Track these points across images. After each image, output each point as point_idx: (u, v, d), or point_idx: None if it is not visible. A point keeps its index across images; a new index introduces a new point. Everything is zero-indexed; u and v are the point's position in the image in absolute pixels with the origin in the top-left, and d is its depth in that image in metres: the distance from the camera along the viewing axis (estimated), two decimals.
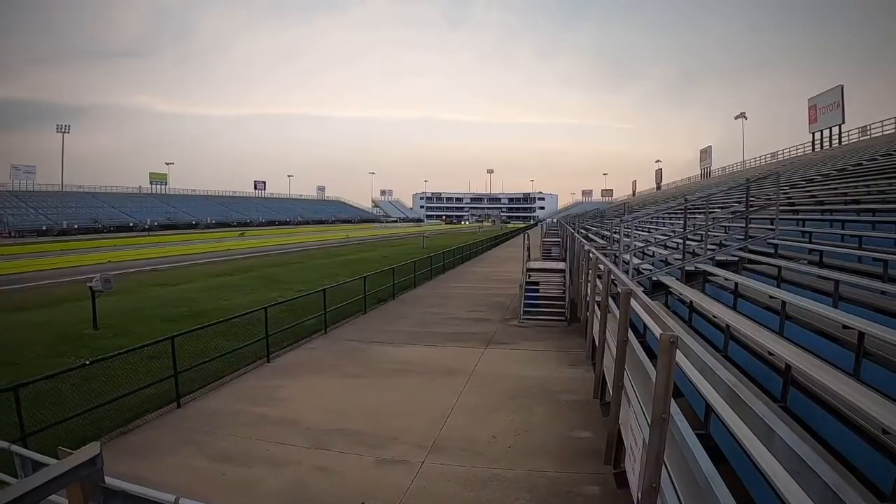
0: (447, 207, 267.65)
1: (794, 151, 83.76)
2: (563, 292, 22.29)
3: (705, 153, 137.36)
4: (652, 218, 29.95)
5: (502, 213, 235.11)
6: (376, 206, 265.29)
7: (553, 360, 15.62)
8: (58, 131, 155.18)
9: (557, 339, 18.13)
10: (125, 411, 12.10)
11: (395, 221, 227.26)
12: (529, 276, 23.62)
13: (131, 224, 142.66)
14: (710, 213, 16.47)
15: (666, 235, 20.39)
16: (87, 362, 12.13)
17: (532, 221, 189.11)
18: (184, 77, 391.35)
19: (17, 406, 9.71)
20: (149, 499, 2.17)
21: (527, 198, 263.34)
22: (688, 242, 14.48)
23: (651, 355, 6.23)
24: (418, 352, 17.12)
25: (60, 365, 14.03)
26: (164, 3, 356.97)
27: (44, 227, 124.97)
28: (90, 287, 21.33)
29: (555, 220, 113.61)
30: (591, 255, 14.34)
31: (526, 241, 27.49)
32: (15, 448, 5.51)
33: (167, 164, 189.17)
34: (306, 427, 11.29)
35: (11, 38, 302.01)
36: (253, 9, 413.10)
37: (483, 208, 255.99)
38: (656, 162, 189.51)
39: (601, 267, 12.25)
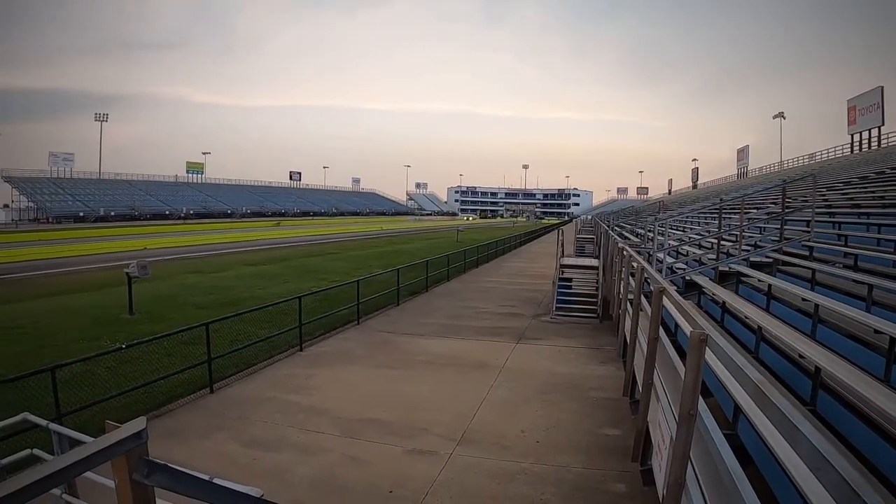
0: (482, 202, 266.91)
1: (832, 153, 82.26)
2: (596, 289, 22.24)
3: (742, 153, 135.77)
4: (687, 217, 29.75)
5: (537, 209, 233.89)
6: (411, 198, 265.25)
7: (584, 357, 15.60)
8: (96, 120, 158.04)
9: (589, 335, 18.08)
10: (159, 395, 12.33)
11: (430, 215, 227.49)
12: (563, 272, 23.58)
13: (167, 212, 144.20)
14: (746, 213, 16.35)
15: (700, 235, 20.25)
16: (123, 346, 12.35)
17: (566, 218, 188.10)
18: (221, 68, 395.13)
19: (53, 387, 9.94)
20: (190, 474, 2.26)
21: (561, 194, 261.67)
22: (722, 243, 14.41)
23: (682, 354, 6.26)
24: (450, 345, 17.17)
25: (96, 348, 14.26)
26: None
27: (81, 214, 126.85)
28: (127, 273, 21.61)
29: (589, 217, 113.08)
30: (624, 252, 14.32)
31: (560, 238, 27.45)
32: (53, 426, 5.68)
33: (204, 153, 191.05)
34: (337, 416, 11.41)
35: (51, 29, 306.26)
36: (291, 1, 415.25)
37: (518, 203, 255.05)
38: (693, 161, 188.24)
39: (635, 265, 12.23)
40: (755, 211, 22.97)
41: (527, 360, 15.48)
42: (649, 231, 18.92)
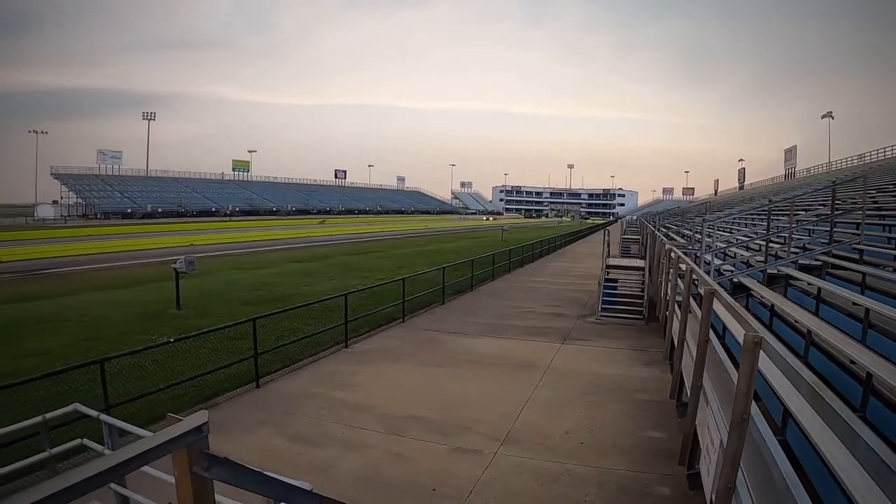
0: (526, 201, 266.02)
1: (883, 154, 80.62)
2: (642, 290, 22.08)
3: (790, 153, 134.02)
4: (734, 218, 29.44)
5: (582, 209, 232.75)
6: (456, 197, 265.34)
7: (629, 359, 15.47)
8: (143, 119, 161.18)
9: (634, 337, 17.94)
10: (205, 389, 12.52)
11: (475, 214, 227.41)
12: (608, 272, 23.46)
13: (213, 209, 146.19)
14: (794, 215, 16.14)
15: (748, 237, 20.04)
16: (171, 340, 12.54)
17: (612, 218, 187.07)
18: (267, 68, 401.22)
19: (102, 379, 10.13)
20: (248, 468, 2.29)
21: (607, 194, 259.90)
22: (770, 245, 14.25)
23: (730, 357, 6.20)
24: (495, 344, 17.13)
25: (143, 342, 14.57)
26: None
27: (129, 210, 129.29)
28: (174, 268, 21.91)
29: (634, 218, 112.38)
30: (672, 253, 14.21)
31: (606, 238, 27.30)
32: (103, 417, 5.78)
33: (250, 151, 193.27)
34: (382, 413, 11.46)
35: (99, 30, 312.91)
36: (333, 1, 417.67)
37: (563, 203, 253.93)
38: (739, 161, 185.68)
39: (682, 266, 12.14)
40: (804, 213, 22.66)
41: (572, 360, 15.40)
42: (696, 232, 18.76)
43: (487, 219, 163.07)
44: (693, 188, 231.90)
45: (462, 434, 10.39)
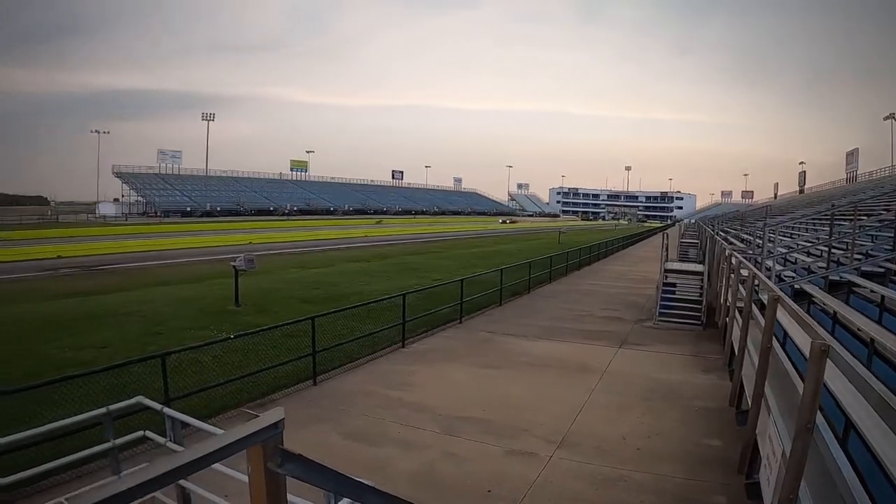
0: (583, 203, 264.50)
1: None
2: (700, 295, 21.82)
3: (851, 156, 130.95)
4: (795, 223, 28.95)
5: (639, 212, 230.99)
6: (512, 199, 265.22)
7: (687, 365, 15.29)
8: (203, 119, 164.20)
9: (692, 343, 17.71)
10: (263, 385, 12.68)
11: (531, 215, 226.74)
12: (666, 276, 23.24)
13: (271, 208, 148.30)
14: (857, 220, 15.79)
15: (810, 242, 19.69)
16: (231, 336, 12.79)
17: (669, 221, 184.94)
18: (324, 69, 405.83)
19: (163, 372, 10.31)
20: (322, 465, 2.33)
21: (664, 197, 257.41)
22: (832, 250, 13.99)
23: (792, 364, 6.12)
24: (552, 347, 17.07)
25: (202, 338, 14.83)
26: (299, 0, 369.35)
27: (188, 209, 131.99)
28: (234, 266, 22.15)
29: (692, 221, 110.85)
30: (733, 259, 14.03)
31: (665, 242, 27.05)
32: (166, 410, 5.90)
33: (307, 152, 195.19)
34: (438, 413, 11.50)
35: (159, 33, 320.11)
36: (386, 3, 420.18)
37: (620, 206, 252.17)
38: (799, 164, 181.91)
39: (744, 272, 11.99)
40: (866, 218, 22.23)
41: (629, 365, 15.27)
42: (756, 237, 18.50)
43: (503, 221, 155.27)
44: (752, 191, 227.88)
45: (518, 436, 10.37)
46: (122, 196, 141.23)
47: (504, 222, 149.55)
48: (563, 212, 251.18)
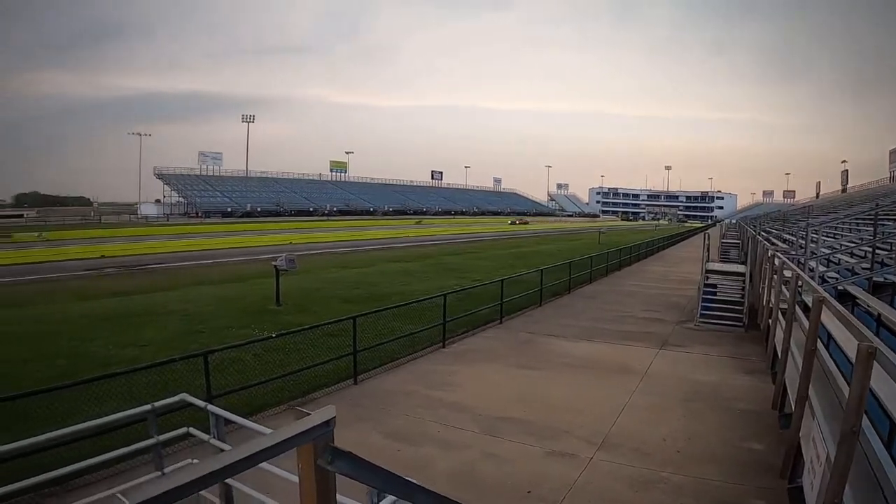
0: (623, 203, 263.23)
1: None
2: (742, 297, 21.62)
3: (894, 154, 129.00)
4: (838, 223, 28.56)
5: (679, 212, 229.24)
6: (552, 199, 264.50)
7: (728, 367, 15.14)
8: (243, 121, 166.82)
9: (734, 344, 17.52)
10: (304, 384, 12.79)
11: (571, 216, 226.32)
12: (708, 277, 23.04)
13: (311, 209, 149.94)
14: None
15: (853, 243, 19.43)
16: (273, 335, 12.96)
17: (710, 221, 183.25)
18: (362, 70, 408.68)
19: (205, 370, 10.48)
20: (371, 463, 2.37)
21: (705, 196, 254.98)
22: (877, 251, 13.81)
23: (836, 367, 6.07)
24: (592, 348, 17.01)
25: (243, 336, 15.05)
26: (337, 3, 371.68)
27: (229, 209, 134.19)
28: (275, 266, 22.36)
29: (733, 221, 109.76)
30: (775, 259, 13.90)
31: (706, 242, 26.83)
32: (210, 407, 5.98)
33: (347, 152, 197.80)
34: (478, 413, 11.53)
35: (199, 36, 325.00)
36: (422, 6, 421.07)
37: (660, 206, 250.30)
38: (842, 163, 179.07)
39: (787, 273, 11.88)
40: None
41: (670, 366, 15.18)
42: (799, 238, 18.29)
43: (513, 222, 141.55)
44: (794, 191, 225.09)
45: (558, 437, 10.37)
46: (164, 197, 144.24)
47: (514, 223, 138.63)
48: (603, 212, 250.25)
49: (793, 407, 7.76)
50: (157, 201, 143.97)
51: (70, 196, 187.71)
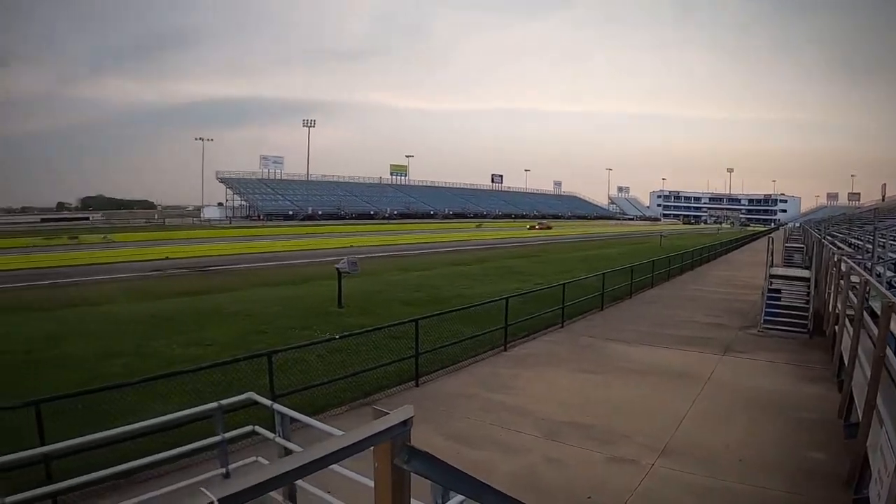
0: (685, 207, 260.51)
1: None
2: (807, 302, 21.26)
3: None
4: None
5: (741, 215, 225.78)
6: (612, 202, 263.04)
7: (792, 374, 14.89)
8: (303, 126, 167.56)
9: (798, 351, 17.21)
10: (366, 385, 12.94)
11: (632, 219, 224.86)
12: (771, 282, 22.70)
13: (372, 212, 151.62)
14: None
15: None
16: (337, 337, 13.15)
17: (773, 225, 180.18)
18: (422, 74, 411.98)
19: (269, 370, 10.65)
20: (446, 463, 2.43)
21: (767, 199, 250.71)
22: None
23: None
24: (654, 353, 16.91)
25: (306, 337, 15.32)
26: (395, 7, 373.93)
27: (290, 213, 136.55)
28: (337, 268, 22.64)
29: (797, 225, 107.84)
30: (842, 264, 13.69)
31: (770, 246, 26.46)
32: (276, 406, 6.12)
33: (407, 156, 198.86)
34: (539, 417, 11.55)
35: (260, 42, 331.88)
36: (480, 9, 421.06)
37: (721, 209, 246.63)
38: None
39: (854, 278, 11.70)
40: None
41: (732, 373, 14.99)
42: (866, 241, 17.98)
43: (532, 227, 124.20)
44: (859, 193, 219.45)
45: (619, 443, 10.35)
46: (226, 200, 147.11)
47: (532, 228, 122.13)
48: (664, 215, 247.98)
49: (860, 416, 7.66)
50: (220, 204, 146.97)
51: (135, 199, 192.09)
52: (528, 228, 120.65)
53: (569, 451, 10.01)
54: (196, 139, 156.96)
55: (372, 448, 2.35)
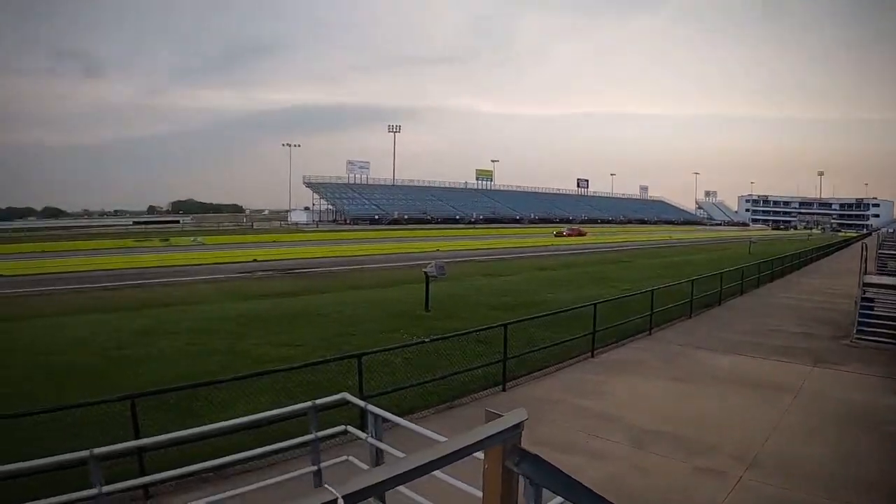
0: (774, 212, 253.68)
1: None
2: None
3: None
4: None
5: (832, 221, 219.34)
6: (700, 207, 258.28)
7: (887, 387, 14.54)
8: (389, 131, 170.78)
9: (893, 363, 16.76)
10: (454, 388, 13.15)
11: (719, 224, 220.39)
12: (865, 291, 22.18)
13: (457, 217, 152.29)
14: None
15: None
16: (426, 340, 13.40)
17: (865, 230, 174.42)
18: (507, 79, 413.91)
19: (359, 371, 10.89)
20: (555, 467, 2.59)
21: (859, 204, 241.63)
22: None
23: None
24: (744, 362, 16.72)
25: (394, 340, 15.70)
26: (481, 12, 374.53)
27: (376, 217, 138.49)
28: (425, 272, 22.89)
29: (891, 230, 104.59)
30: None
31: (864, 253, 25.84)
32: (369, 407, 6.39)
33: (492, 161, 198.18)
34: (627, 424, 11.61)
35: (347, 50, 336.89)
36: (568, 14, 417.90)
37: (812, 214, 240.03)
38: None
39: None
40: None
41: (824, 384, 14.76)
42: None
43: (559, 233, 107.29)
44: None
45: (707, 453, 10.34)
46: (312, 204, 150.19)
47: (560, 234, 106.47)
48: (753, 220, 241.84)
49: None
50: (307, 209, 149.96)
51: (224, 204, 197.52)
52: (555, 235, 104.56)
53: (655, 460, 10.06)
54: (283, 145, 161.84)
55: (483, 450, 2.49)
